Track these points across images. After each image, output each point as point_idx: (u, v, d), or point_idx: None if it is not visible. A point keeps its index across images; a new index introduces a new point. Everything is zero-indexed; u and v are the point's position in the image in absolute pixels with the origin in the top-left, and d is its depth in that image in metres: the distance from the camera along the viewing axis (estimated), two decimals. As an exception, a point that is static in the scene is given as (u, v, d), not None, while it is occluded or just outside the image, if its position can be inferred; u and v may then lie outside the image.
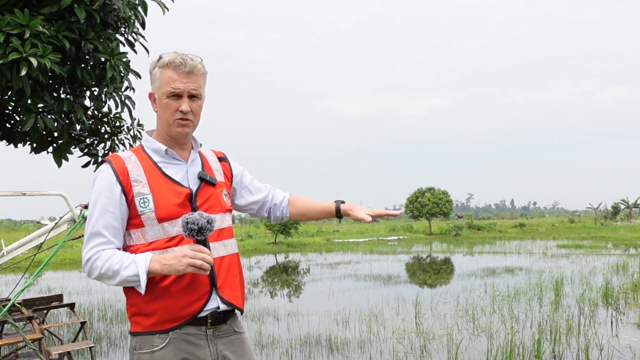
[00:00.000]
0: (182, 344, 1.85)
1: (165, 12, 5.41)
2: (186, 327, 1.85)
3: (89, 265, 1.83)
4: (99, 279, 1.83)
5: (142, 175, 1.88)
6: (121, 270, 1.78)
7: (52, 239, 4.35)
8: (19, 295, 4.30)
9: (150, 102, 1.98)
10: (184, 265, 1.73)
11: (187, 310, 1.84)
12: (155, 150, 1.94)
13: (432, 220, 46.37)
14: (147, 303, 1.83)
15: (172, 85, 1.86)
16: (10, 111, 5.52)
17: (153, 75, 1.92)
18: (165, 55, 1.90)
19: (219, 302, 1.89)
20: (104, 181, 1.86)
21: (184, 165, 1.96)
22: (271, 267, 18.71)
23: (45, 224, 4.53)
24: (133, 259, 1.79)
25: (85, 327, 5.90)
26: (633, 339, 6.94)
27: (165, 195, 1.87)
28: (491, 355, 6.05)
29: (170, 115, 1.89)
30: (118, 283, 1.81)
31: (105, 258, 1.80)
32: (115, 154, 1.96)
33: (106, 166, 1.89)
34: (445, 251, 24.92)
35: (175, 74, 1.87)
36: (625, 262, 15.68)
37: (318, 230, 43.10)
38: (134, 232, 1.87)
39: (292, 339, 7.11)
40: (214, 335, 1.90)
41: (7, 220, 74.22)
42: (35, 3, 4.56)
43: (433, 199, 43.90)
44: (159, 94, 1.90)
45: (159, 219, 1.84)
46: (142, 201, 1.85)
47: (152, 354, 1.83)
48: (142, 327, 1.85)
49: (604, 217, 61.40)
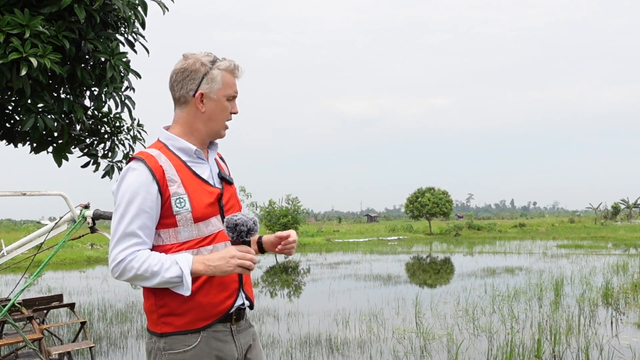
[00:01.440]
0: (212, 341, 1.87)
1: (165, 12, 5.41)
2: (215, 325, 1.88)
3: (122, 265, 1.77)
4: (132, 280, 1.78)
5: (175, 175, 1.85)
6: (161, 272, 1.75)
7: (52, 239, 4.35)
8: (19, 295, 4.31)
9: (195, 101, 1.91)
10: (232, 266, 1.76)
11: (219, 307, 1.87)
12: (183, 149, 1.91)
13: (432, 220, 46.38)
14: (180, 303, 1.83)
15: (234, 89, 1.95)
16: (10, 111, 5.52)
17: (210, 76, 1.89)
18: (220, 59, 1.94)
19: (244, 299, 1.96)
20: (139, 180, 1.80)
21: (208, 165, 1.97)
22: (271, 267, 18.71)
23: (45, 224, 4.53)
24: (174, 259, 1.77)
25: (85, 327, 5.90)
26: (633, 339, 6.94)
27: (200, 196, 1.87)
28: (491, 355, 6.05)
29: (226, 117, 1.96)
30: (156, 284, 1.77)
31: (143, 259, 1.76)
32: (144, 151, 1.89)
33: (138, 164, 1.83)
34: (445, 251, 24.92)
35: (234, 78, 1.96)
36: (625, 262, 15.68)
37: (318, 230, 43.09)
38: (164, 232, 1.84)
39: (292, 339, 7.11)
40: (237, 330, 1.95)
41: (7, 220, 74.28)
42: (35, 3, 4.55)
43: (433, 199, 43.90)
44: (218, 95, 1.91)
45: (195, 219, 1.84)
46: (179, 201, 1.82)
47: (185, 353, 1.83)
48: (174, 327, 1.84)
49: (604, 217, 61.40)
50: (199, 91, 1.89)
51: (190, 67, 1.90)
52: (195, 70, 1.89)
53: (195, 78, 1.89)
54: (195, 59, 1.91)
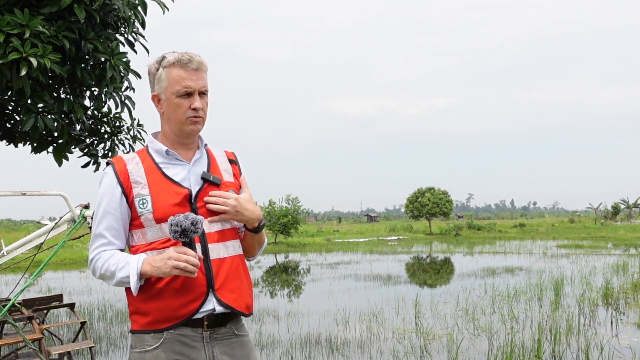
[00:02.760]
0: (175, 344, 1.83)
1: (165, 12, 5.41)
2: (181, 328, 1.84)
3: (91, 265, 1.90)
4: (101, 279, 1.89)
5: (142, 177, 1.89)
6: (117, 272, 1.82)
7: (52, 239, 4.36)
8: (19, 295, 4.31)
9: (153, 103, 1.95)
10: (169, 268, 1.74)
11: (182, 311, 1.83)
12: (157, 151, 1.94)
13: (432, 220, 46.40)
14: (143, 302, 1.85)
15: (184, 83, 1.85)
16: (10, 111, 5.52)
17: (157, 76, 1.89)
18: (169, 55, 1.88)
19: (215, 304, 1.85)
20: (107, 183, 1.91)
21: (186, 166, 1.94)
22: (271, 267, 18.71)
23: (45, 224, 4.54)
24: (127, 260, 1.82)
25: (85, 327, 5.91)
26: (633, 339, 6.94)
27: (164, 196, 1.86)
28: (491, 355, 6.05)
29: (182, 114, 1.88)
30: (115, 284, 1.85)
31: (105, 259, 1.86)
32: (119, 155, 1.98)
33: (109, 168, 1.93)
34: (445, 251, 24.93)
35: (184, 72, 1.85)
36: (625, 262, 15.68)
37: (318, 230, 43.11)
38: (135, 233, 1.90)
39: (292, 339, 7.11)
40: (210, 337, 1.87)
41: (7, 220, 74.22)
42: (35, 3, 4.55)
43: (433, 199, 43.91)
44: (167, 93, 1.87)
45: (157, 220, 1.85)
46: (141, 202, 1.86)
47: (144, 353, 1.84)
48: (139, 325, 1.87)
49: (604, 217, 61.39)
50: (153, 93, 1.94)
51: (149, 71, 1.95)
52: (150, 74, 1.94)
53: (150, 81, 1.94)
54: (153, 61, 1.93)
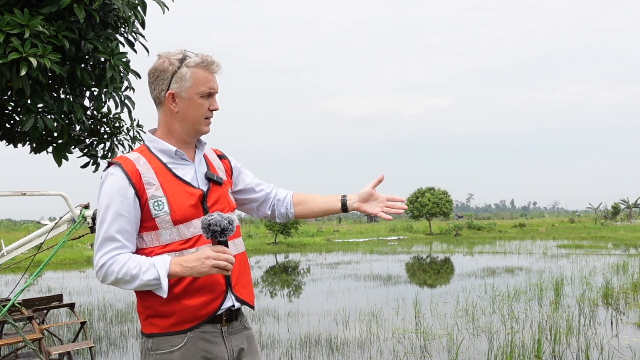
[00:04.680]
0: (200, 342, 1.86)
1: (165, 12, 5.40)
2: (203, 326, 1.86)
3: (103, 270, 1.79)
4: (114, 283, 1.80)
5: (154, 178, 1.85)
6: (140, 275, 1.75)
7: (52, 239, 4.35)
8: (19, 295, 4.30)
9: (160, 101, 1.90)
10: (207, 267, 1.73)
11: (205, 310, 1.85)
12: (164, 151, 1.91)
13: (432, 220, 46.34)
14: (164, 305, 1.82)
15: (209, 85, 1.88)
16: (10, 111, 5.52)
17: (178, 74, 1.85)
18: (190, 55, 1.87)
19: (233, 301, 1.92)
20: (116, 184, 1.82)
21: (192, 166, 1.94)
22: (271, 267, 18.70)
23: (45, 224, 4.54)
24: (152, 262, 1.77)
25: (85, 327, 5.91)
26: (633, 339, 6.94)
27: (179, 197, 1.85)
28: (491, 355, 6.05)
29: (202, 114, 1.89)
30: (137, 287, 1.78)
31: (122, 262, 1.77)
32: (123, 155, 1.91)
33: (116, 169, 1.84)
34: (445, 251, 24.91)
35: (208, 73, 1.88)
36: (625, 262, 15.67)
37: (318, 230, 43.08)
38: (146, 235, 1.85)
39: (292, 339, 7.11)
40: (228, 332, 1.92)
41: (7, 220, 74.18)
42: (35, 3, 4.55)
43: (433, 199, 43.87)
44: (190, 93, 1.86)
45: (175, 222, 1.83)
46: (157, 204, 1.82)
47: (171, 353, 1.83)
48: (160, 328, 1.85)
49: (604, 217, 61.32)
50: (169, 91, 1.87)
51: (160, 67, 1.88)
52: (164, 70, 1.87)
53: (164, 78, 1.87)
54: (165, 58, 1.88)
